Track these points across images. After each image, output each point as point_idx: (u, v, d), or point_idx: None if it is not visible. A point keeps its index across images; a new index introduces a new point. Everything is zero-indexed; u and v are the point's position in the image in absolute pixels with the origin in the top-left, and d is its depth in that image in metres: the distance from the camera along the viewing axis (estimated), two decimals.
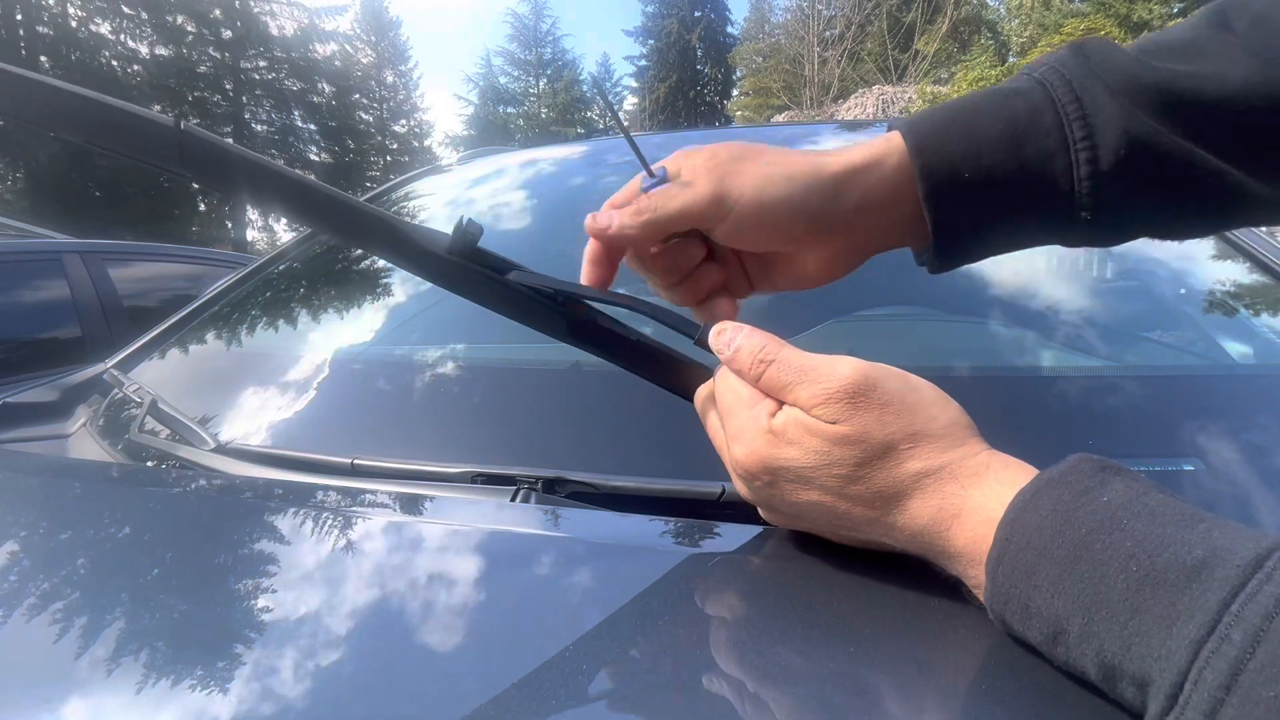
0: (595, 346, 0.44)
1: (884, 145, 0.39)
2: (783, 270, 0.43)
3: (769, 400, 0.36)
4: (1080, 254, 0.82)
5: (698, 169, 0.40)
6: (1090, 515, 0.27)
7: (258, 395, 0.75)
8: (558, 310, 0.42)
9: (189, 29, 15.87)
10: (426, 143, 27.14)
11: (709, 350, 0.39)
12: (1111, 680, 0.26)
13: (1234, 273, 0.79)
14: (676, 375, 0.44)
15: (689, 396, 0.44)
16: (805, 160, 0.39)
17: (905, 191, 0.38)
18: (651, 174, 0.42)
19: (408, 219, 1.20)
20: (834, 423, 0.33)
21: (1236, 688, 0.21)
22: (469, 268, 0.40)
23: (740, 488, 0.39)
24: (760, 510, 0.40)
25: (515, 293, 0.41)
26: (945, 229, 0.39)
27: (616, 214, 0.40)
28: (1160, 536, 0.25)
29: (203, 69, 16.55)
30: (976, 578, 0.31)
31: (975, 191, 0.37)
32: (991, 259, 0.42)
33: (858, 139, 1.09)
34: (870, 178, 0.39)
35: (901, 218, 0.40)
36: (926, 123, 0.39)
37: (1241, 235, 0.79)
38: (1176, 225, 0.41)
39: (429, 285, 0.99)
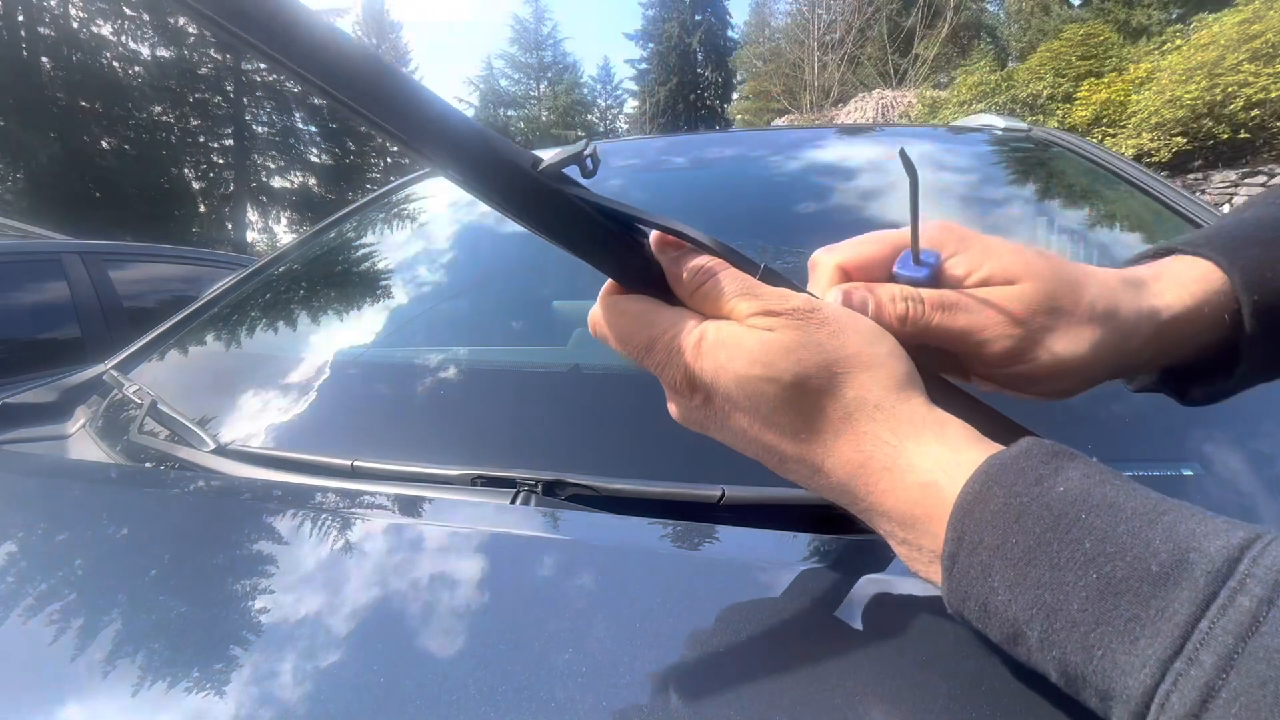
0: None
1: (1201, 286, 0.35)
2: (1010, 384, 0.36)
3: (693, 314, 0.33)
4: (1080, 255, 0.83)
5: (1004, 302, 0.33)
6: (1045, 510, 0.25)
7: (258, 397, 0.75)
8: (650, 261, 0.35)
9: (190, 30, 15.89)
10: None
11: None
12: (1074, 687, 0.25)
13: None
14: None
15: None
16: (1121, 302, 0.34)
17: (1212, 332, 0.35)
18: (918, 260, 0.35)
19: (409, 222, 1.21)
20: (770, 331, 0.31)
21: (1206, 717, 0.20)
22: (560, 193, 0.32)
23: (674, 410, 0.36)
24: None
25: (606, 232, 0.34)
26: (1256, 369, 0.36)
27: (873, 298, 0.34)
28: (1120, 536, 0.24)
29: (204, 70, 16.56)
30: (908, 542, 0.30)
31: None
32: None
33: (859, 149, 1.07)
34: (1188, 328, 0.35)
35: (1184, 356, 0.36)
36: (1244, 251, 0.35)
37: None
38: None
39: (429, 286, 1.00)
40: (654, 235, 0.35)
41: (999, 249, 0.35)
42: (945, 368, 0.37)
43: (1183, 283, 0.35)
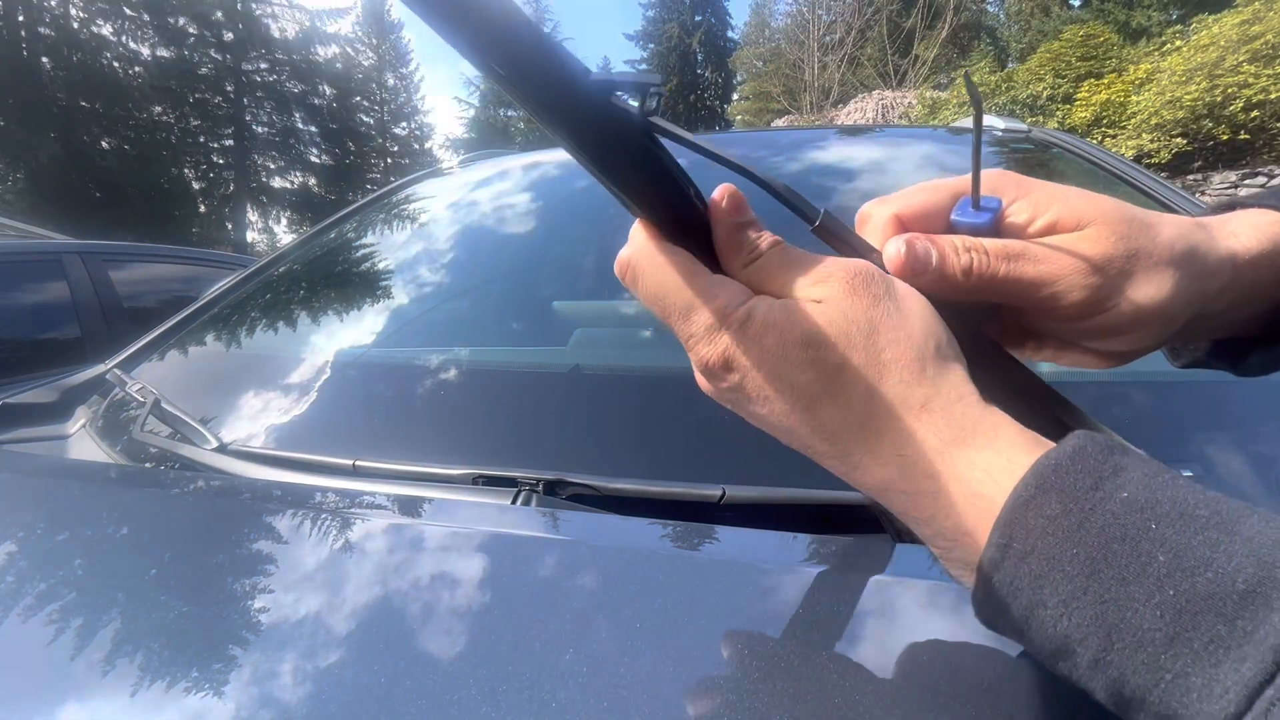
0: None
1: (1276, 229, 0.33)
2: (1067, 350, 0.34)
3: (740, 286, 0.30)
4: None
5: (1077, 247, 0.30)
6: (1111, 518, 0.23)
7: (260, 397, 0.75)
8: (698, 215, 0.31)
9: (190, 31, 15.91)
10: (427, 145, 27.18)
11: (827, 240, 0.32)
12: (1127, 709, 0.23)
13: None
14: None
15: None
16: (1198, 242, 0.32)
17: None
18: (978, 206, 0.32)
19: (409, 222, 1.21)
20: (820, 301, 0.29)
21: None
22: (613, 105, 0.28)
23: (703, 385, 0.33)
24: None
25: (661, 166, 0.30)
26: None
27: (936, 249, 0.31)
28: (1198, 549, 0.22)
29: (204, 71, 16.59)
30: (947, 550, 0.28)
31: None
32: None
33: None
34: (1265, 274, 0.33)
35: (1253, 314, 0.34)
36: None
37: None
38: None
39: (429, 286, 1.00)
40: (716, 194, 0.31)
41: (1064, 192, 0.32)
42: (1005, 334, 0.34)
43: (1257, 225, 0.33)
